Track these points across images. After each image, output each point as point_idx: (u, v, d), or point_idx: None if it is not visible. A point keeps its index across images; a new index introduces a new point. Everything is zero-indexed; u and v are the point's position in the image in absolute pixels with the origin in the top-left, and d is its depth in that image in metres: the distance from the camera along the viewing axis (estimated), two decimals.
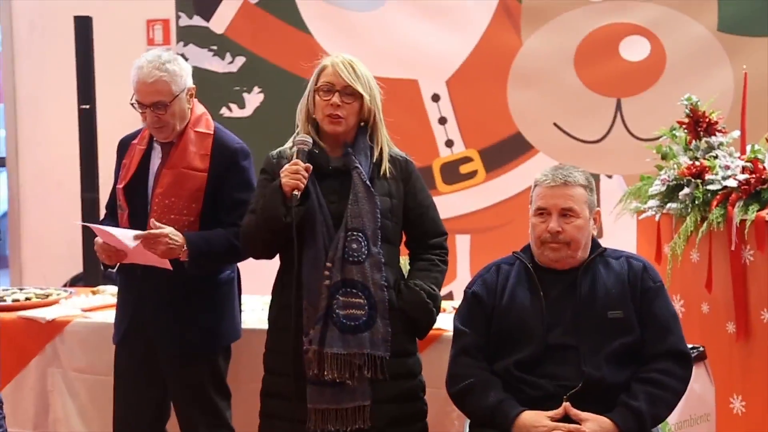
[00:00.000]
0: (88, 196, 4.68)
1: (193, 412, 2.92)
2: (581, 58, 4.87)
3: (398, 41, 5.04)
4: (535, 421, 2.42)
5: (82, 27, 4.72)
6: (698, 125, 3.48)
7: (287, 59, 5.04)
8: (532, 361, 2.50)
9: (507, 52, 4.94)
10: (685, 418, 2.90)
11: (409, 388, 2.72)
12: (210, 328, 2.91)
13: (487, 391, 2.50)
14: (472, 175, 5.05)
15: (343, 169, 2.70)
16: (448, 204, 4.82)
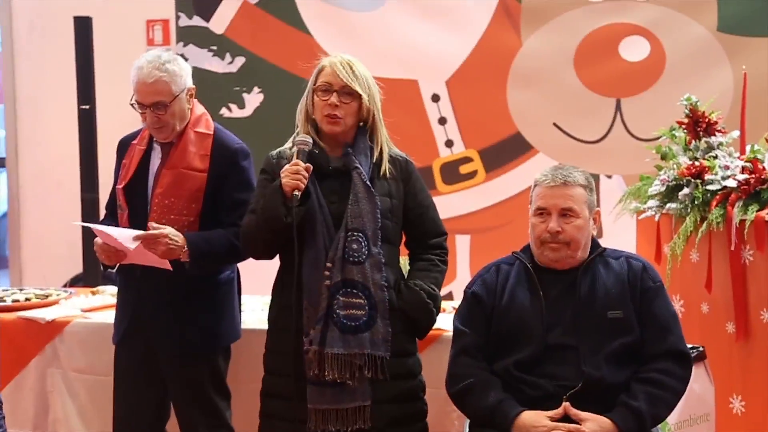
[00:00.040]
0: (88, 197, 4.68)
1: (193, 412, 2.92)
2: (581, 58, 4.87)
3: (398, 41, 5.04)
4: (534, 421, 2.42)
5: (82, 27, 4.73)
6: (698, 125, 3.48)
7: (287, 59, 5.04)
8: (532, 361, 2.50)
9: (507, 53, 4.94)
10: (684, 418, 2.90)
11: (410, 388, 2.72)
12: (210, 329, 2.91)
13: (487, 391, 2.50)
14: (472, 175, 5.05)
15: (343, 170, 2.70)
16: (447, 204, 4.83)
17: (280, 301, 2.74)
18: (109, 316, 3.16)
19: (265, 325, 2.80)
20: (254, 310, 3.33)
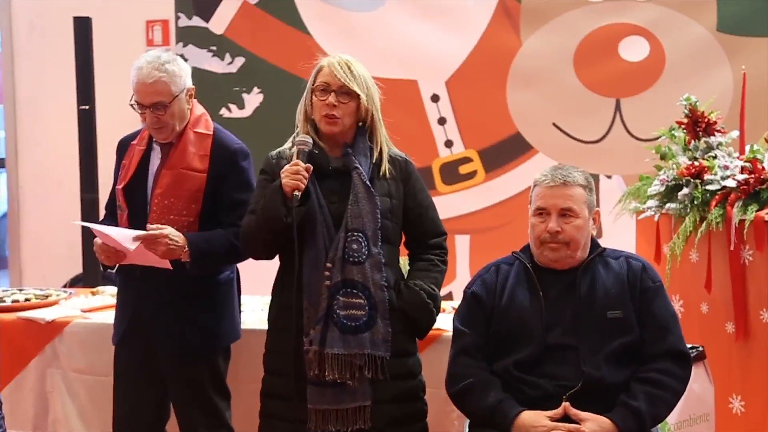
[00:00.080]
0: (88, 197, 4.68)
1: (193, 412, 2.92)
2: (581, 58, 4.87)
3: (397, 42, 5.04)
4: (534, 421, 2.42)
5: (82, 28, 4.73)
6: (697, 125, 3.48)
7: (286, 60, 5.05)
8: (532, 361, 2.50)
9: (506, 53, 4.94)
10: (684, 418, 2.90)
11: (410, 388, 2.72)
12: (209, 329, 2.91)
13: (487, 391, 2.50)
14: (472, 175, 5.05)
15: (343, 170, 2.70)
16: (447, 204, 4.83)
17: (280, 301, 2.74)
18: (109, 317, 3.16)
19: (265, 325, 2.80)
20: (254, 311, 3.33)
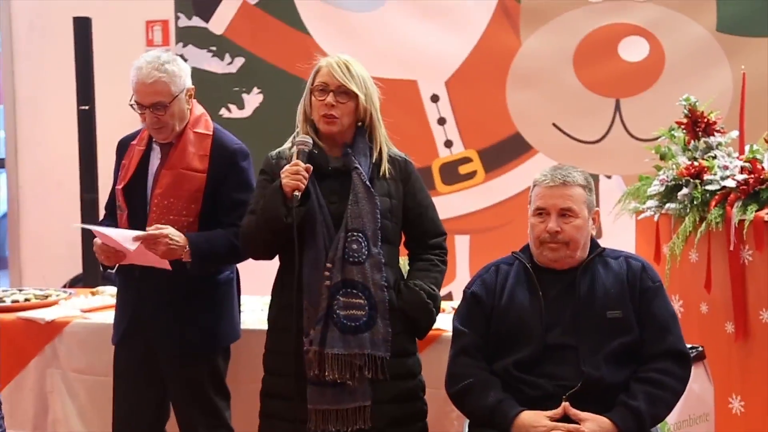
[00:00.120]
0: (88, 197, 4.69)
1: (193, 412, 2.92)
2: (580, 58, 4.88)
3: (397, 42, 5.04)
4: (534, 420, 2.42)
5: (82, 28, 4.73)
6: (697, 125, 3.48)
7: (286, 60, 5.05)
8: (531, 361, 2.50)
9: (506, 53, 4.94)
10: (684, 418, 2.90)
11: (409, 388, 2.72)
12: (209, 329, 2.91)
13: (487, 391, 2.50)
14: (472, 175, 5.06)
15: (343, 170, 2.70)
16: (447, 204, 4.83)
17: (280, 301, 2.74)
18: (109, 317, 3.16)
19: (265, 325, 2.80)
20: (254, 311, 3.33)
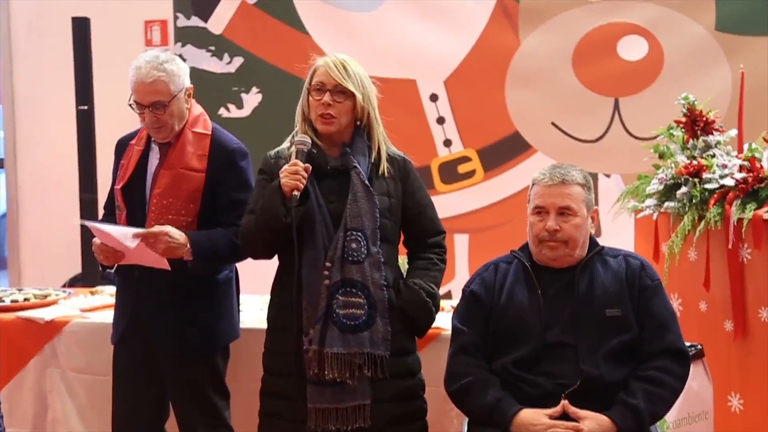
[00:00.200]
0: (87, 197, 4.69)
1: (192, 412, 2.92)
2: (579, 57, 4.88)
3: (396, 41, 5.04)
4: (533, 419, 2.43)
5: (80, 28, 4.73)
6: (695, 124, 3.49)
7: (285, 60, 5.04)
8: (531, 360, 2.50)
9: (505, 52, 4.94)
10: (683, 416, 2.90)
11: (409, 387, 2.73)
12: (209, 328, 2.91)
13: (486, 390, 2.50)
14: (471, 174, 5.06)
15: (342, 169, 2.70)
16: (446, 203, 4.83)
17: (280, 300, 2.74)
18: (108, 316, 3.16)
19: (264, 325, 2.80)
20: (253, 310, 3.33)
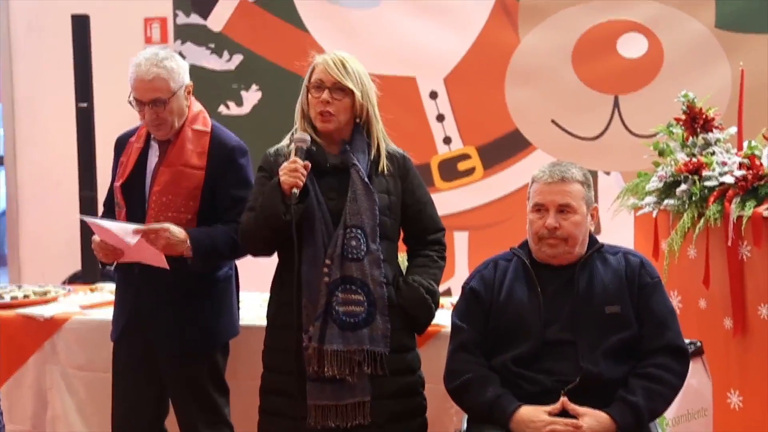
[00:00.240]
0: (86, 195, 4.68)
1: (192, 408, 2.93)
2: (579, 55, 4.88)
3: (396, 39, 5.04)
4: (532, 415, 2.43)
5: (80, 26, 4.72)
6: (695, 122, 3.49)
7: (285, 57, 5.04)
8: (530, 357, 2.51)
9: (505, 50, 4.94)
10: (682, 413, 2.91)
11: (409, 384, 2.73)
12: (208, 326, 2.91)
13: (485, 387, 2.50)
14: (470, 172, 5.06)
15: (341, 167, 2.70)
16: (446, 201, 4.83)
17: (279, 298, 2.74)
18: (108, 313, 3.15)
19: (264, 322, 2.80)
20: (252, 307, 3.33)
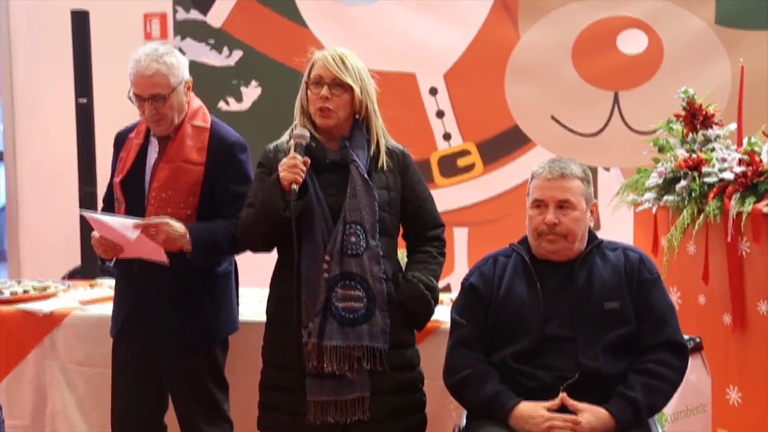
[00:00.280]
0: (86, 190, 4.69)
1: (192, 404, 2.93)
2: (579, 51, 4.88)
3: (396, 35, 5.04)
4: (532, 411, 2.43)
5: (79, 21, 4.72)
6: (695, 118, 3.49)
7: (284, 53, 5.04)
8: (530, 353, 2.51)
9: (505, 46, 4.94)
10: (681, 409, 2.91)
11: (408, 380, 2.73)
12: (208, 321, 2.91)
13: (484, 383, 2.51)
14: (470, 168, 5.06)
15: (341, 163, 2.70)
16: (445, 197, 4.83)
17: (279, 294, 2.74)
18: (108, 309, 3.15)
19: (263, 318, 2.80)
20: (252, 303, 3.33)
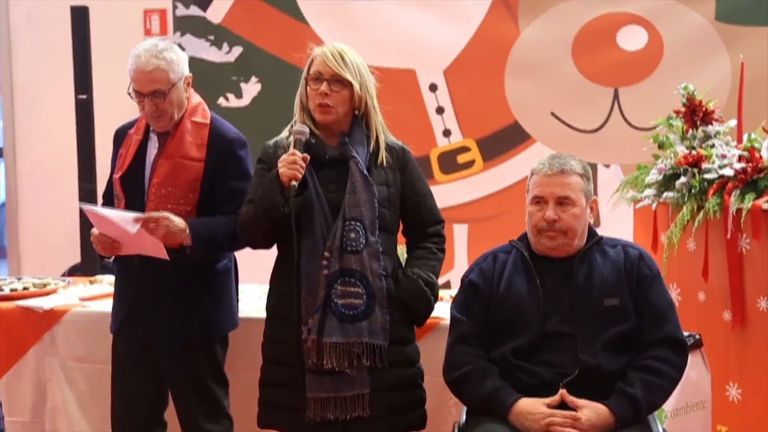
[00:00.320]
0: (86, 187, 4.68)
1: (191, 400, 2.93)
2: (579, 47, 4.87)
3: (396, 31, 5.04)
4: (531, 408, 2.43)
5: (79, 17, 4.72)
6: (695, 114, 3.48)
7: (284, 49, 5.03)
8: (529, 349, 2.51)
9: (504, 42, 4.94)
10: (681, 406, 2.91)
11: (408, 376, 2.73)
12: (208, 318, 2.91)
13: (484, 379, 2.51)
14: (470, 164, 5.06)
15: (341, 159, 2.70)
16: (445, 193, 4.83)
17: (278, 290, 2.74)
18: (107, 305, 3.15)
19: (263, 314, 2.80)
20: (251, 299, 3.34)
